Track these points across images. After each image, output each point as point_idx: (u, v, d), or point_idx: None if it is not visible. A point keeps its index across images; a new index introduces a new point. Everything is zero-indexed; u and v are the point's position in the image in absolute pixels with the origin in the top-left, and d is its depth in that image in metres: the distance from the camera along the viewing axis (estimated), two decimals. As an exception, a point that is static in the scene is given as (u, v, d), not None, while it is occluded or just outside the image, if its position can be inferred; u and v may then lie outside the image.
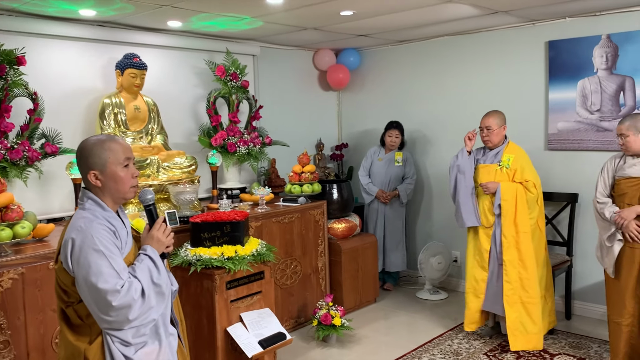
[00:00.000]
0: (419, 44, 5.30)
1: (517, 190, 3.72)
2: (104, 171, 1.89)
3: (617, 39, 4.09)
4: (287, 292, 4.22)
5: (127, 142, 2.04)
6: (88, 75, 3.96)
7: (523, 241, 3.70)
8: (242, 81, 4.47)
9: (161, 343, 1.92)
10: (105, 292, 1.74)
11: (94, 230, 1.81)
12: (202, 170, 4.31)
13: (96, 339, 1.83)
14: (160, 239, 1.98)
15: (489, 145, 3.92)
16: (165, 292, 1.91)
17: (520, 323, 3.73)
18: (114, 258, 1.80)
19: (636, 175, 3.21)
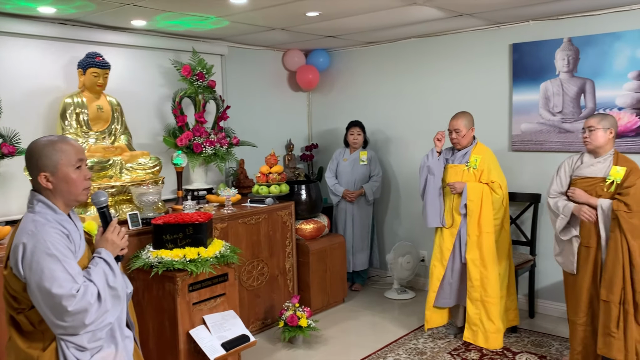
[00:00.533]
0: (387, 46, 5.33)
1: (483, 191, 3.78)
2: (55, 173, 1.85)
3: (578, 42, 4.18)
4: (253, 293, 4.20)
5: (79, 144, 2.00)
6: (49, 74, 3.88)
7: (485, 241, 3.77)
8: (209, 81, 4.43)
9: (117, 346, 1.90)
10: (60, 297, 1.70)
11: (46, 234, 1.76)
12: (168, 171, 4.26)
13: (50, 345, 1.79)
14: (115, 241, 1.95)
15: (457, 147, 3.97)
16: (121, 295, 1.89)
17: (479, 320, 3.81)
18: (68, 262, 1.76)
19: (593, 176, 3.27)
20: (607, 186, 3.20)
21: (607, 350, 3.14)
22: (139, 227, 3.44)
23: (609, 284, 3.13)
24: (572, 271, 3.29)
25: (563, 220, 3.27)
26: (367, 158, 5.17)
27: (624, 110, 4.02)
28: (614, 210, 3.11)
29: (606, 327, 3.14)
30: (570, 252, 3.28)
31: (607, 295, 3.14)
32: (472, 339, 3.86)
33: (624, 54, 3.98)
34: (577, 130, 4.22)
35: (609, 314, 3.13)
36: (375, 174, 5.16)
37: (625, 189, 3.15)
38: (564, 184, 3.40)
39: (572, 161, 3.43)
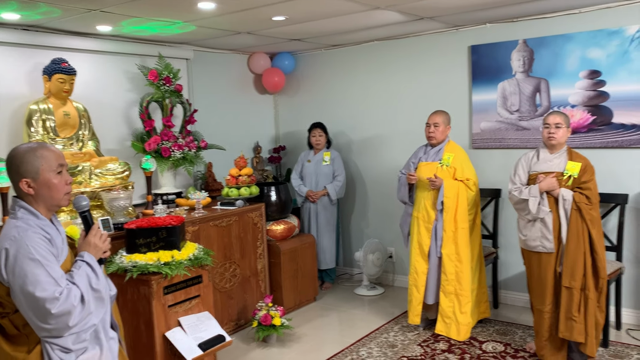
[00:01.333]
0: (351, 49, 5.45)
1: (459, 188, 3.93)
2: (36, 179, 1.88)
3: (532, 44, 4.38)
4: (226, 295, 4.24)
5: (59, 149, 2.03)
6: (13, 80, 3.83)
7: (461, 236, 3.92)
8: (176, 85, 4.45)
9: (102, 347, 1.94)
10: (43, 300, 1.74)
11: (29, 239, 1.80)
12: (137, 176, 4.26)
13: (34, 347, 1.82)
14: (97, 244, 2.00)
15: (432, 142, 4.11)
16: (104, 297, 1.93)
17: (452, 313, 3.95)
18: (51, 266, 1.80)
19: (549, 171, 3.46)
20: (565, 180, 3.40)
21: (569, 333, 3.35)
22: (111, 233, 3.44)
23: (572, 271, 3.33)
24: (551, 250, 3.40)
25: (535, 200, 3.40)
26: (330, 158, 5.24)
27: (576, 107, 4.24)
28: (576, 202, 3.33)
29: (568, 312, 3.34)
30: (547, 230, 3.40)
31: (569, 282, 3.34)
32: (445, 332, 3.99)
33: (576, 55, 4.20)
34: (534, 127, 4.43)
35: (571, 299, 3.33)
36: (339, 174, 5.23)
37: (584, 184, 3.38)
38: (523, 181, 3.57)
39: (527, 158, 3.61)
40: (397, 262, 5.39)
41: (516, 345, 3.85)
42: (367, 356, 3.78)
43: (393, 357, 3.75)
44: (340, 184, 5.21)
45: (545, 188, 3.40)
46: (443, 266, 3.96)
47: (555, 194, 3.40)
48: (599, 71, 4.12)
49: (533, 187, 3.44)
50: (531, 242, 3.49)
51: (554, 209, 3.41)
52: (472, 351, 3.79)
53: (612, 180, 4.10)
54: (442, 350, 3.81)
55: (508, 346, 3.85)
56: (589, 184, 3.38)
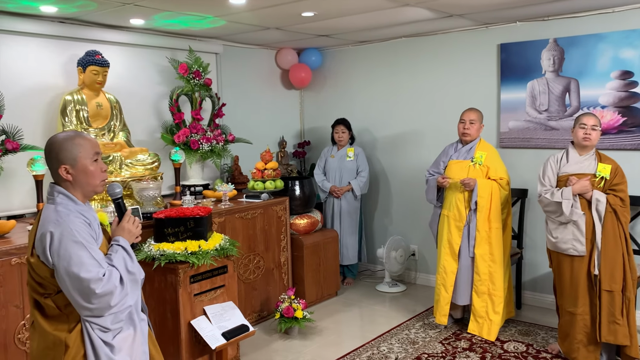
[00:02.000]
0: (378, 45, 5.46)
1: (493, 188, 3.91)
2: (75, 165, 1.96)
3: (563, 43, 4.33)
4: (250, 286, 4.31)
5: (94, 138, 2.11)
6: (49, 72, 3.94)
7: (495, 236, 3.90)
8: (205, 79, 4.52)
9: (136, 328, 2.03)
10: (88, 280, 1.82)
11: (72, 222, 1.88)
12: (165, 167, 4.35)
13: (75, 327, 1.91)
14: (131, 229, 2.09)
15: (466, 139, 4.07)
16: (138, 279, 2.02)
17: (485, 312, 3.95)
18: (93, 248, 1.89)
19: (582, 172, 3.43)
20: (597, 182, 3.37)
21: (613, 337, 3.32)
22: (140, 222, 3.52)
23: (611, 273, 3.31)
24: (582, 253, 3.36)
25: (568, 203, 3.36)
26: (354, 154, 5.24)
27: (606, 108, 4.18)
28: (611, 205, 3.31)
29: (611, 315, 3.31)
30: (580, 233, 3.37)
31: (609, 285, 3.31)
32: (477, 331, 3.98)
33: (607, 55, 4.14)
34: (562, 127, 4.38)
35: (613, 303, 3.31)
36: (363, 170, 5.22)
37: (617, 186, 3.36)
38: (552, 182, 3.53)
39: (556, 159, 3.56)
40: (419, 259, 5.39)
41: (538, 346, 3.83)
42: (388, 352, 3.81)
43: (414, 353, 3.77)
44: (364, 179, 5.21)
45: (578, 190, 3.36)
46: (476, 266, 3.93)
47: (588, 197, 3.36)
48: (631, 72, 4.05)
49: (566, 189, 3.39)
50: (562, 245, 3.45)
51: (586, 212, 3.37)
52: (494, 350, 3.78)
53: (642, 183, 4.04)
54: (464, 349, 3.81)
55: (530, 347, 3.83)
56: (622, 185, 3.36)
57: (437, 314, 4.11)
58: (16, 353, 2.92)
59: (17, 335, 2.92)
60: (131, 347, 1.99)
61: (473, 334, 4.01)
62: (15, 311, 2.91)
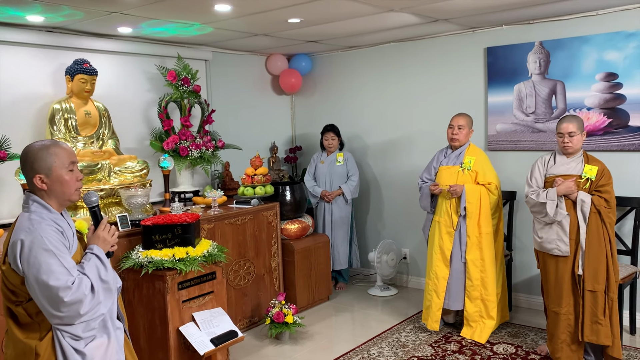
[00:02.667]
0: (366, 50, 5.49)
1: (481, 193, 3.92)
2: (50, 175, 1.97)
3: (548, 46, 4.37)
4: (240, 292, 4.32)
5: (71, 147, 2.13)
6: (38, 81, 3.96)
7: (485, 242, 3.91)
8: (194, 86, 4.54)
9: (109, 336, 2.03)
10: (57, 289, 1.83)
11: (43, 230, 1.89)
12: (155, 174, 4.36)
13: (46, 335, 1.92)
14: (106, 238, 2.10)
15: (455, 144, 4.09)
16: (112, 288, 2.02)
17: (479, 316, 3.96)
18: (64, 256, 1.90)
19: (568, 173, 3.46)
20: (582, 183, 3.40)
21: (596, 337, 3.34)
22: (129, 229, 3.54)
23: (595, 274, 3.33)
24: (566, 253, 3.40)
25: (553, 204, 3.40)
26: (344, 159, 5.27)
27: (592, 110, 4.21)
28: (596, 206, 3.34)
29: (594, 316, 3.34)
30: (563, 233, 3.40)
31: (592, 285, 3.34)
32: (470, 335, 3.99)
33: (592, 57, 4.18)
34: (549, 129, 4.41)
35: (595, 303, 3.34)
36: (353, 174, 5.24)
37: (603, 187, 3.38)
38: (539, 184, 3.56)
39: (544, 161, 3.60)
40: (411, 263, 5.41)
41: (527, 348, 3.85)
42: (378, 355, 3.82)
43: (404, 356, 3.78)
44: (354, 183, 5.23)
45: (563, 191, 3.39)
46: (468, 272, 3.94)
47: (573, 197, 3.39)
48: (615, 74, 4.09)
49: (551, 190, 3.43)
50: (547, 245, 3.48)
51: (571, 212, 3.40)
52: (483, 352, 3.79)
53: (628, 184, 4.07)
54: (453, 351, 3.83)
55: (519, 348, 3.85)
56: (607, 187, 3.38)
57: (429, 320, 4.09)
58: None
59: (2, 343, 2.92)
60: (104, 356, 1.99)
61: (464, 337, 4.03)
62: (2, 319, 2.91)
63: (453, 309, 4.04)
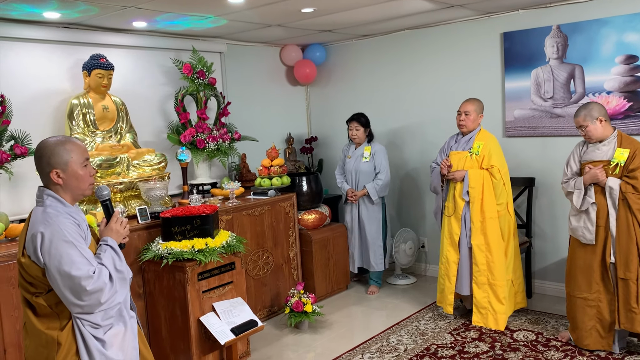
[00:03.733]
0: (381, 38, 5.45)
1: (484, 177, 3.90)
2: (66, 170, 2.02)
3: (566, 29, 4.30)
4: (259, 282, 4.35)
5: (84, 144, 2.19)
6: (55, 76, 4.01)
7: (490, 227, 3.89)
8: (210, 78, 4.56)
9: (126, 324, 2.10)
10: (79, 278, 1.88)
11: (61, 223, 1.94)
12: (173, 167, 4.41)
13: (67, 324, 1.97)
14: (119, 230, 2.16)
15: (463, 130, 4.08)
16: (127, 277, 2.08)
17: (488, 302, 3.95)
18: (83, 247, 1.95)
19: (598, 159, 3.42)
20: (611, 169, 3.35)
21: (630, 325, 3.32)
22: (148, 221, 3.59)
23: (626, 262, 3.30)
24: (590, 241, 3.38)
25: (580, 193, 3.40)
26: (370, 154, 4.86)
27: (612, 94, 4.14)
28: (622, 192, 3.30)
29: (627, 303, 3.31)
30: (589, 221, 3.38)
31: (624, 273, 3.31)
32: (483, 322, 3.98)
33: (611, 39, 4.10)
34: (568, 114, 4.35)
35: (628, 291, 3.31)
36: (380, 171, 4.82)
37: (632, 172, 3.31)
38: (575, 171, 3.55)
39: (579, 147, 3.58)
40: (429, 252, 5.40)
41: (548, 335, 3.82)
42: (397, 343, 3.83)
43: (423, 344, 3.78)
44: (381, 182, 4.79)
45: (589, 180, 3.37)
46: (474, 257, 3.94)
47: (602, 184, 3.36)
48: (636, 56, 4.01)
49: (578, 179, 3.42)
50: (575, 232, 3.48)
51: (602, 199, 3.36)
52: (503, 339, 3.78)
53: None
54: (473, 339, 3.82)
55: (540, 335, 3.82)
56: (636, 172, 3.29)
57: (444, 304, 4.13)
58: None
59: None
60: (122, 343, 2.05)
61: (476, 324, 4.01)
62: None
63: (463, 293, 4.04)
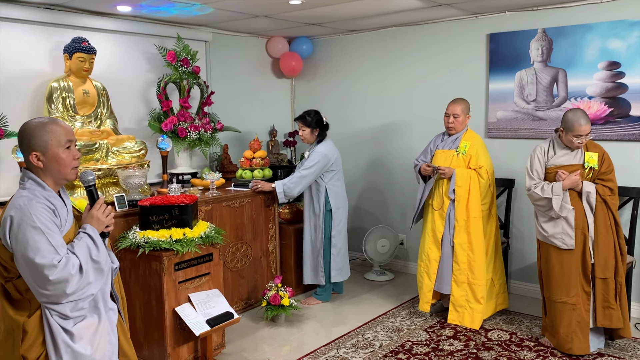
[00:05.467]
0: (368, 34, 5.44)
1: (471, 177, 3.92)
2: (45, 153, 1.96)
3: (551, 33, 4.33)
4: (237, 274, 4.32)
5: (69, 125, 2.10)
6: (35, 58, 3.93)
7: (473, 226, 3.92)
8: (193, 67, 4.51)
9: (100, 317, 2.02)
10: (42, 266, 1.82)
11: (33, 208, 1.88)
12: (153, 155, 4.35)
13: (35, 312, 1.92)
14: (100, 218, 2.07)
15: (451, 132, 4.10)
16: (104, 268, 2.00)
17: (466, 301, 3.97)
18: (52, 235, 1.88)
19: (569, 163, 3.45)
20: (586, 172, 3.39)
21: (609, 321, 3.40)
22: (126, 209, 3.53)
23: (605, 262, 3.37)
24: (571, 247, 3.40)
25: (559, 199, 3.39)
26: (309, 153, 4.43)
27: (593, 99, 4.19)
28: (601, 195, 3.36)
29: (605, 301, 3.39)
30: (569, 227, 3.40)
31: (603, 272, 3.38)
32: (459, 320, 4.00)
33: (595, 45, 4.14)
34: (550, 118, 4.39)
35: (607, 289, 3.39)
36: (303, 167, 4.32)
37: (605, 175, 3.39)
38: (541, 175, 3.55)
39: (543, 151, 3.57)
40: (408, 249, 5.42)
41: (522, 335, 3.87)
42: (373, 339, 3.84)
43: (398, 341, 3.80)
44: (294, 178, 4.31)
45: (569, 186, 3.40)
46: (455, 255, 3.96)
47: (578, 189, 3.39)
48: (618, 62, 4.06)
49: (556, 185, 3.41)
50: (552, 239, 3.47)
51: (578, 203, 3.39)
52: (477, 338, 3.81)
53: (628, 174, 4.06)
54: (448, 337, 3.85)
55: (514, 335, 3.87)
56: (610, 175, 3.40)
57: (421, 301, 4.14)
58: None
59: None
60: (94, 336, 1.98)
61: (451, 323, 4.04)
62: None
63: (443, 292, 4.06)
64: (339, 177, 4.49)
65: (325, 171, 4.38)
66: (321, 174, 4.38)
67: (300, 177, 4.30)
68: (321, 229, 4.46)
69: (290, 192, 4.32)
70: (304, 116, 4.46)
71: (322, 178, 4.40)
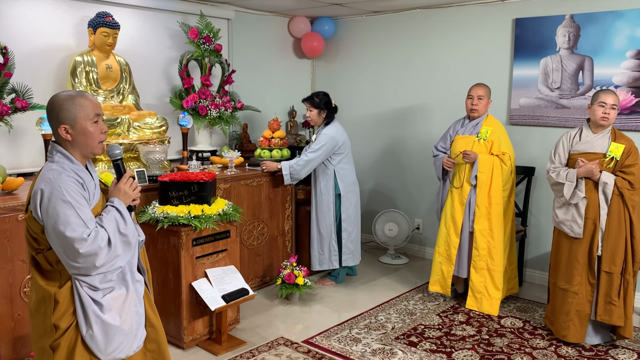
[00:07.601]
0: (391, 16, 5.38)
1: (494, 163, 3.90)
2: (74, 126, 1.98)
3: (579, 20, 4.24)
4: (253, 252, 4.37)
5: (97, 99, 2.12)
6: (60, 32, 3.96)
7: (495, 212, 3.90)
8: (215, 45, 4.51)
9: (128, 289, 2.05)
10: (72, 240, 1.85)
11: (62, 181, 1.91)
12: (173, 132, 4.39)
13: (65, 283, 1.96)
14: (127, 191, 2.09)
15: (474, 115, 4.05)
16: (131, 241, 2.03)
17: (484, 287, 3.97)
18: (81, 208, 1.91)
19: (592, 151, 3.40)
20: (606, 162, 3.33)
21: (608, 317, 3.36)
22: (146, 184, 3.57)
23: (612, 256, 3.32)
24: (578, 235, 3.38)
25: (571, 186, 3.36)
26: (316, 136, 4.41)
27: (620, 88, 4.11)
28: (619, 188, 3.29)
29: (607, 296, 3.35)
30: (578, 215, 3.37)
31: (609, 267, 3.33)
32: (477, 307, 4.01)
33: (624, 33, 4.05)
34: (574, 106, 4.32)
35: (611, 284, 3.34)
36: (310, 150, 4.29)
37: (628, 168, 3.30)
38: (562, 161, 3.51)
39: (569, 137, 3.52)
40: (424, 233, 5.42)
41: (535, 323, 3.86)
42: (385, 321, 3.87)
43: (411, 324, 3.82)
44: (301, 160, 4.26)
45: (583, 174, 3.34)
46: (475, 241, 3.95)
47: (595, 179, 3.33)
48: (647, 51, 3.97)
49: (571, 171, 3.37)
50: (562, 225, 3.46)
51: (593, 193, 3.35)
52: (490, 325, 3.82)
53: (651, 165, 3.99)
54: (460, 322, 3.86)
55: (527, 323, 3.86)
56: (632, 168, 3.29)
57: (444, 288, 4.13)
58: (22, 305, 3.02)
59: (22, 288, 3.01)
60: (122, 307, 2.01)
61: (471, 309, 4.05)
62: (22, 265, 2.99)
63: (461, 276, 4.07)
64: (347, 161, 4.44)
65: (333, 154, 4.35)
66: (329, 157, 4.35)
67: (307, 161, 4.26)
68: (332, 213, 4.43)
69: (297, 175, 4.28)
70: (312, 97, 4.40)
71: (330, 161, 4.37)
